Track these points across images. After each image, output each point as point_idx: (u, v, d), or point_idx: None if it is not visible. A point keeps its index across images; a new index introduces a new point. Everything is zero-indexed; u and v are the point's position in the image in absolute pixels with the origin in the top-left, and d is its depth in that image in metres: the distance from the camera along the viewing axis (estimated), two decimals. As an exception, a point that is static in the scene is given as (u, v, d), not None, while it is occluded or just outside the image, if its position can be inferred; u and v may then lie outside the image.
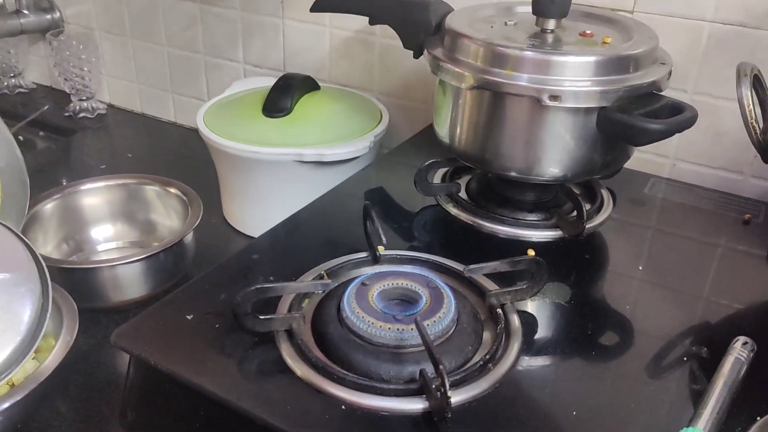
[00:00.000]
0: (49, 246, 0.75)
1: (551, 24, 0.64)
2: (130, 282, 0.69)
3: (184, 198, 0.76)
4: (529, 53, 0.59)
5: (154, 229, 0.80)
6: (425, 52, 0.67)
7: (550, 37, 0.64)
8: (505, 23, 0.67)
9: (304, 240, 0.64)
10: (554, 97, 0.57)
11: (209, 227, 0.86)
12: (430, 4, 0.68)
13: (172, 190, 0.78)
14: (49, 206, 0.74)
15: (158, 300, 0.53)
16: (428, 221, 0.68)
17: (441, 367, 0.41)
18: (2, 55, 1.26)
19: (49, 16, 1.20)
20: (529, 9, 0.66)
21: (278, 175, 0.79)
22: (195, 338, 0.49)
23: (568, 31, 0.65)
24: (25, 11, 1.18)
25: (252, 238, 0.85)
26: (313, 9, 0.74)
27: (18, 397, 0.53)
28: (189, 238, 0.73)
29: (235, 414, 0.44)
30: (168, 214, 0.78)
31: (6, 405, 0.52)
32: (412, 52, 0.70)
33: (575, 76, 0.58)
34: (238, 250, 0.61)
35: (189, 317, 0.51)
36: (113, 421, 0.59)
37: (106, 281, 0.68)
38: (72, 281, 0.66)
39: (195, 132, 1.15)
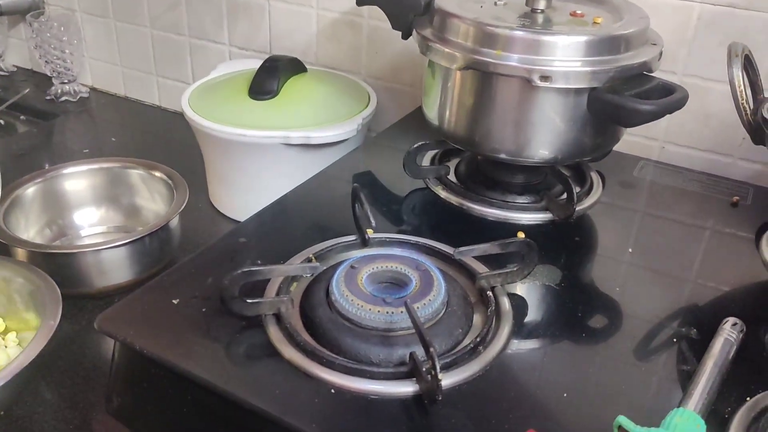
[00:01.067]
0: (31, 231, 0.73)
1: (541, 4, 0.63)
2: (114, 267, 0.68)
3: (170, 182, 0.75)
4: (519, 33, 0.58)
5: (139, 214, 0.79)
6: (414, 32, 0.66)
7: (540, 17, 0.63)
8: (495, 3, 0.66)
9: (292, 223, 0.63)
10: (545, 78, 0.57)
11: (195, 211, 0.85)
12: (418, -17, 0.67)
13: (157, 174, 0.76)
14: (30, 190, 0.73)
15: (144, 285, 0.53)
16: (417, 204, 0.68)
17: (432, 349, 0.41)
18: (-20, 36, 1.23)
19: (28, -3, 1.17)
20: (519, -11, 0.65)
21: (265, 158, 0.77)
22: (181, 323, 0.48)
23: (558, 11, 0.65)
24: (4, -8, 1.16)
25: (238, 222, 0.84)
26: (300, -11, 0.73)
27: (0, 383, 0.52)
28: (175, 222, 0.72)
29: (223, 398, 0.43)
30: (153, 198, 0.77)
31: (-15, 393, 0.51)
32: (400, 33, 0.69)
33: (566, 57, 0.58)
34: (224, 234, 0.60)
35: (175, 302, 0.50)
36: (99, 407, 0.58)
37: (90, 266, 0.67)
38: (55, 266, 0.64)
39: (180, 115, 1.14)
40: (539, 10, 0.64)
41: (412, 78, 0.92)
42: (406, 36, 0.69)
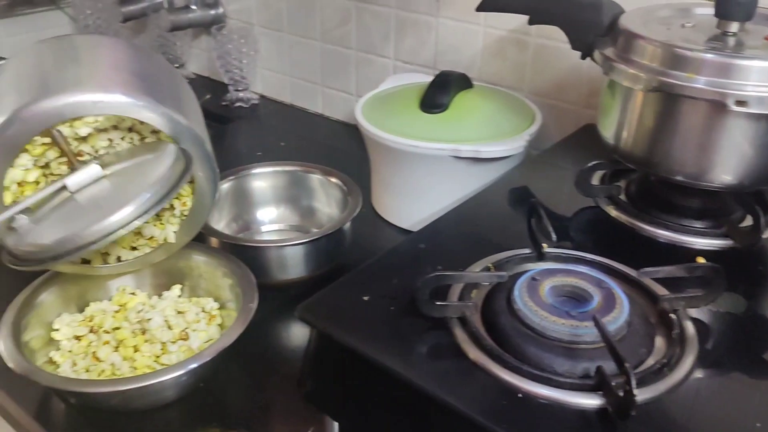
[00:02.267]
0: (221, 223, 0.81)
1: (734, 27, 0.62)
2: (293, 262, 0.74)
3: (344, 187, 0.80)
4: (713, 56, 0.57)
5: (314, 215, 0.84)
6: (596, 52, 0.66)
7: (731, 41, 0.62)
8: (683, 25, 0.66)
9: (465, 233, 0.66)
10: (741, 103, 0.56)
11: (358, 216, 0.90)
12: (602, 4, 0.68)
13: (333, 180, 0.82)
14: (225, 186, 0.80)
15: (316, 282, 0.57)
16: (587, 222, 0.68)
17: (627, 365, 0.42)
18: (169, 47, 1.36)
19: (213, 12, 1.29)
20: (707, 11, 0.64)
21: (432, 169, 0.81)
22: (372, 318, 0.52)
23: (751, 34, 0.63)
24: (193, 6, 1.27)
25: (400, 228, 0.88)
26: (480, 8, 0.76)
27: (204, 360, 0.58)
28: (347, 225, 0.77)
29: (412, 392, 0.46)
30: (328, 202, 0.83)
31: (194, 365, 0.58)
32: (569, 52, 0.70)
33: (761, 81, 0.56)
34: (404, 239, 0.64)
35: (365, 298, 0.54)
36: (282, 389, 0.63)
37: (272, 260, 0.73)
38: (243, 257, 0.70)
39: (341, 124, 1.21)
40: (731, 33, 0.62)
41: (576, 96, 0.92)
42: (585, 56, 0.70)
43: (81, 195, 0.59)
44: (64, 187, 0.59)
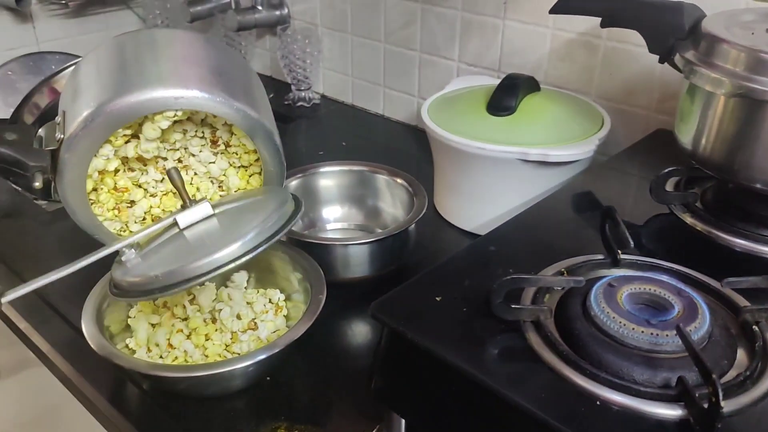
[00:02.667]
0: (289, 220, 0.82)
1: (824, 32, 0.60)
2: (358, 261, 0.75)
3: (410, 189, 0.80)
4: (803, 62, 0.56)
5: (379, 215, 0.85)
6: (677, 55, 0.65)
7: (820, 46, 0.60)
8: (767, 30, 0.64)
9: (535, 237, 0.65)
10: (832, 110, 0.54)
11: (421, 217, 0.90)
12: (683, 7, 0.67)
13: (399, 180, 0.82)
14: (292, 183, 0.82)
15: (379, 282, 0.57)
16: (661, 229, 0.67)
17: (714, 376, 0.41)
18: (234, 46, 1.39)
19: (278, 12, 1.31)
20: (795, 15, 0.62)
21: (499, 172, 0.80)
22: (445, 319, 0.52)
23: (841, 40, 0.61)
24: (259, 7, 1.30)
25: (463, 230, 0.88)
26: (553, 11, 0.75)
27: (272, 351, 0.59)
28: (412, 227, 0.77)
29: (484, 393, 0.46)
30: (394, 203, 0.83)
31: (262, 357, 0.59)
32: (640, 55, 0.69)
33: None
34: (475, 241, 0.63)
35: (438, 299, 0.54)
36: (348, 385, 0.63)
37: (338, 258, 0.74)
38: (308, 254, 0.71)
39: (401, 125, 1.22)
40: (820, 38, 0.60)
41: (647, 101, 0.90)
42: (663, 60, 0.68)
43: (189, 232, 0.60)
44: (174, 224, 0.60)
